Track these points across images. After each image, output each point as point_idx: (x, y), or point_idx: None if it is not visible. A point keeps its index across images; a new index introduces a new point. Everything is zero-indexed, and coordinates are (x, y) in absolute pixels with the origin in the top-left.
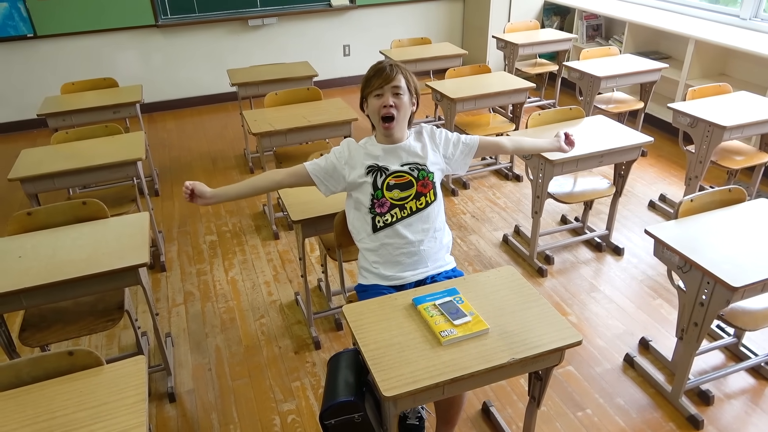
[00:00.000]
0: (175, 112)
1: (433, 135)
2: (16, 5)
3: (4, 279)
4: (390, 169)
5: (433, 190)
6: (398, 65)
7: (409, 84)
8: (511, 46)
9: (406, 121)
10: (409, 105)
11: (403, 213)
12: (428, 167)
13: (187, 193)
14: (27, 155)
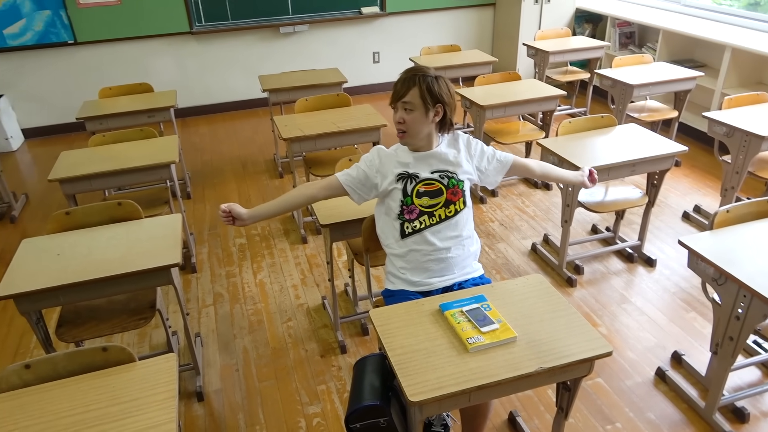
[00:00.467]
0: (208, 117)
1: (469, 144)
2: (58, 13)
3: (43, 276)
4: (420, 176)
5: (463, 199)
6: (418, 76)
7: (424, 96)
8: (542, 54)
9: (421, 133)
10: (422, 118)
11: (432, 220)
12: (458, 175)
13: (225, 217)
14: (66, 157)
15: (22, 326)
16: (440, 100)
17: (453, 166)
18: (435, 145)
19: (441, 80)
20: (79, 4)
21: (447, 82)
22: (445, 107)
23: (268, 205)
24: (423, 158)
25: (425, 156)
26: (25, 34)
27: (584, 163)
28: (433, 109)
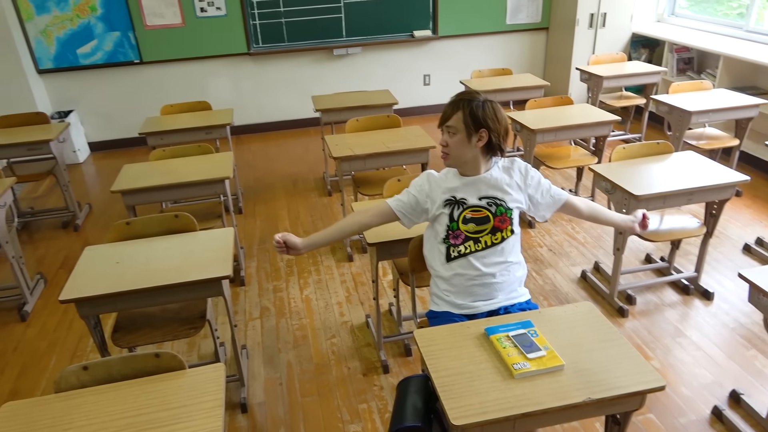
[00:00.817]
0: (261, 135)
1: (525, 174)
2: (126, 34)
3: (103, 282)
4: (468, 202)
5: (510, 227)
6: (464, 100)
7: (467, 121)
8: (596, 78)
9: (464, 157)
10: (465, 142)
11: (477, 246)
12: (507, 203)
13: (279, 247)
14: (128, 170)
15: (81, 330)
16: (484, 125)
17: (502, 193)
18: (484, 169)
19: (488, 105)
20: (146, 26)
21: (494, 107)
22: (490, 132)
23: (322, 233)
24: (471, 183)
25: (473, 181)
26: (96, 54)
27: (639, 188)
28: (476, 134)
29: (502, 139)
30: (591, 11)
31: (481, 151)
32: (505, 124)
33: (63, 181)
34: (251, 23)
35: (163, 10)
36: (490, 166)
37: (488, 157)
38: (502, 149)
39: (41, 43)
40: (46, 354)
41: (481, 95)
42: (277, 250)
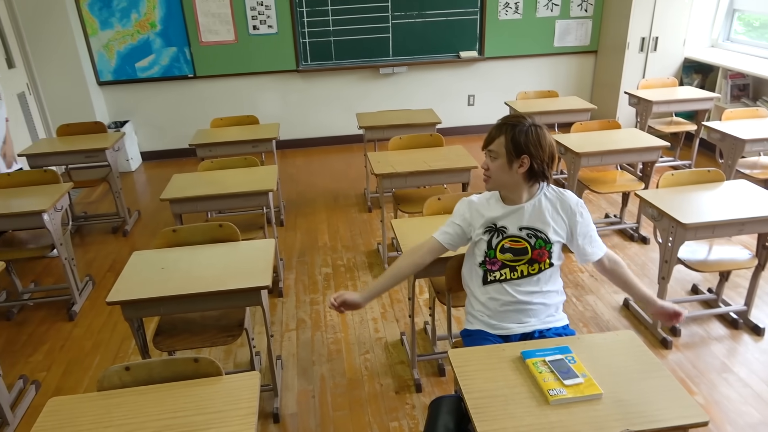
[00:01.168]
0: (305, 149)
1: (574, 211)
2: (182, 49)
3: (148, 287)
4: (507, 231)
5: (549, 260)
6: (507, 125)
7: (509, 147)
8: (645, 103)
9: (505, 182)
10: (506, 168)
11: (513, 275)
12: (549, 237)
13: (338, 309)
14: (177, 180)
15: (124, 332)
16: (526, 152)
17: (545, 225)
18: (526, 197)
19: (532, 130)
20: (201, 42)
21: (539, 133)
22: (532, 159)
23: (379, 282)
24: (513, 211)
25: (516, 209)
26: (153, 68)
27: (687, 216)
28: (517, 161)
29: (546, 166)
30: (642, 35)
31: (523, 177)
32: (550, 150)
33: (115, 188)
34: (301, 41)
35: (218, 27)
36: (534, 193)
37: (531, 184)
38: (547, 176)
39: (103, 57)
40: (91, 353)
41: (528, 120)
42: (336, 310)
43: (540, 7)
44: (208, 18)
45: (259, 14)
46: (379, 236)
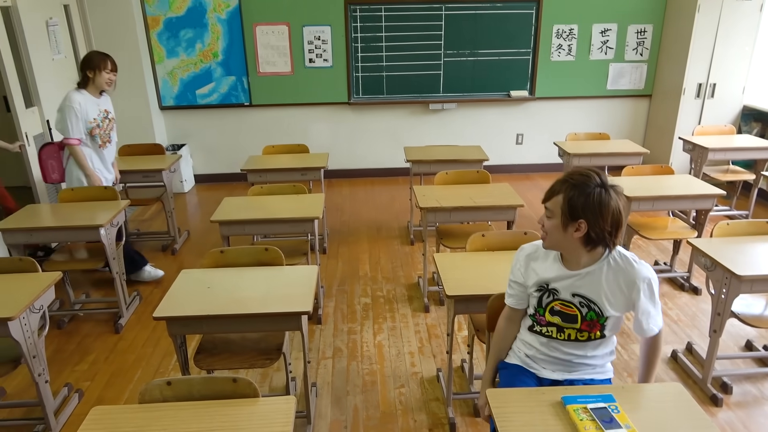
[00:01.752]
0: (352, 180)
1: (639, 288)
2: (241, 79)
3: (193, 304)
4: (559, 294)
5: (601, 332)
6: (568, 183)
7: (564, 208)
8: (700, 150)
9: (560, 244)
10: (560, 229)
11: (560, 336)
12: (603, 311)
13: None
14: (228, 203)
15: (166, 348)
16: (582, 217)
17: (600, 297)
18: (586, 263)
19: (595, 193)
20: (259, 72)
21: (602, 197)
22: (590, 226)
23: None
24: (569, 276)
25: (571, 274)
26: (212, 95)
27: (742, 267)
28: (573, 224)
29: (607, 234)
30: (699, 81)
31: (580, 241)
32: (614, 218)
33: (168, 208)
34: (354, 75)
35: (276, 59)
36: (596, 259)
37: (591, 249)
38: (609, 245)
39: (167, 83)
40: (133, 367)
41: (596, 179)
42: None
43: (594, 50)
44: (267, 50)
45: (316, 48)
46: (420, 269)
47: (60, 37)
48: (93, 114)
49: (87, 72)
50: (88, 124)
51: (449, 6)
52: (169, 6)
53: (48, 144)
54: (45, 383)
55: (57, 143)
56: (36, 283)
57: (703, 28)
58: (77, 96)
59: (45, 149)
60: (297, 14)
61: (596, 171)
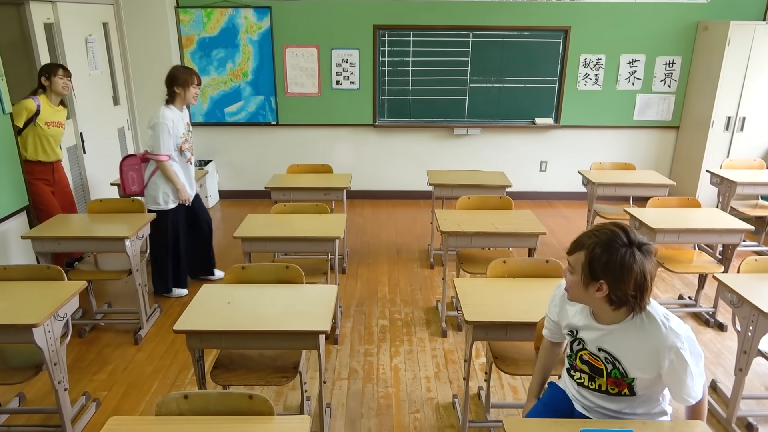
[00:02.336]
0: (374, 201)
1: (663, 355)
2: (269, 98)
3: (213, 319)
4: (586, 345)
5: (631, 392)
6: (592, 241)
7: (585, 267)
8: (728, 183)
9: (582, 300)
10: (581, 286)
11: (592, 385)
12: (628, 372)
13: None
14: (251, 219)
15: (184, 361)
16: (603, 278)
17: (625, 358)
18: (611, 320)
19: (620, 254)
20: (287, 93)
21: (630, 260)
22: (610, 288)
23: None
24: (596, 329)
25: (599, 327)
26: (240, 113)
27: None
28: (593, 284)
29: (631, 298)
30: (728, 114)
31: (603, 300)
32: (638, 282)
33: None
34: (380, 98)
35: (304, 80)
36: (623, 318)
37: (615, 308)
38: (635, 308)
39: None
40: (150, 378)
41: (623, 237)
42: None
43: (621, 80)
44: (296, 71)
45: (344, 71)
46: (439, 293)
47: (98, 54)
48: (182, 130)
49: (175, 88)
50: (177, 139)
51: (477, 33)
52: (204, 26)
53: (129, 156)
54: (64, 391)
55: (138, 155)
56: (61, 291)
57: (734, 61)
58: (169, 113)
59: (126, 161)
60: (327, 37)
61: (625, 227)
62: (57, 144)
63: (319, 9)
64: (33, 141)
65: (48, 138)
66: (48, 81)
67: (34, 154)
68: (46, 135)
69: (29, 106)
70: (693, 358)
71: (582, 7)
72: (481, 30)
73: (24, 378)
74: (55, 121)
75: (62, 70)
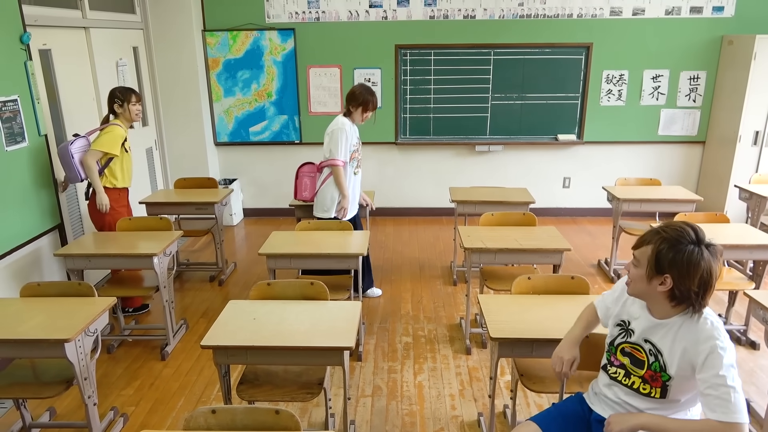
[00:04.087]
0: (396, 218)
1: (700, 348)
2: (293, 118)
3: (239, 335)
4: (634, 335)
5: (663, 392)
6: (660, 235)
7: (651, 260)
8: (757, 198)
9: (643, 294)
10: (644, 280)
11: (626, 381)
12: (667, 367)
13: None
14: (275, 237)
15: (209, 377)
16: (669, 272)
17: (667, 351)
18: (667, 314)
19: (688, 251)
20: (310, 112)
21: (696, 257)
22: (675, 283)
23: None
24: (649, 322)
25: (651, 321)
26: (264, 132)
27: None
28: (657, 278)
29: (693, 294)
30: (756, 129)
31: (665, 296)
32: (703, 279)
33: (218, 240)
34: (402, 116)
35: (326, 100)
36: (679, 313)
37: (675, 305)
38: (694, 305)
39: (222, 120)
40: (177, 394)
41: (692, 234)
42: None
43: (645, 96)
44: (319, 91)
45: None
46: (463, 310)
47: (127, 76)
48: (354, 140)
49: (351, 107)
50: (351, 146)
51: (498, 51)
52: (229, 48)
53: (307, 163)
54: (93, 406)
55: (316, 164)
56: (92, 307)
57: (760, 75)
58: (347, 121)
59: (303, 167)
60: (349, 57)
61: (694, 226)
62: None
63: (342, 30)
64: (121, 168)
65: (129, 163)
66: (121, 108)
67: (123, 181)
68: (128, 160)
69: (121, 133)
70: (728, 368)
71: (604, 24)
72: (502, 47)
73: (55, 393)
74: (129, 146)
75: (134, 96)
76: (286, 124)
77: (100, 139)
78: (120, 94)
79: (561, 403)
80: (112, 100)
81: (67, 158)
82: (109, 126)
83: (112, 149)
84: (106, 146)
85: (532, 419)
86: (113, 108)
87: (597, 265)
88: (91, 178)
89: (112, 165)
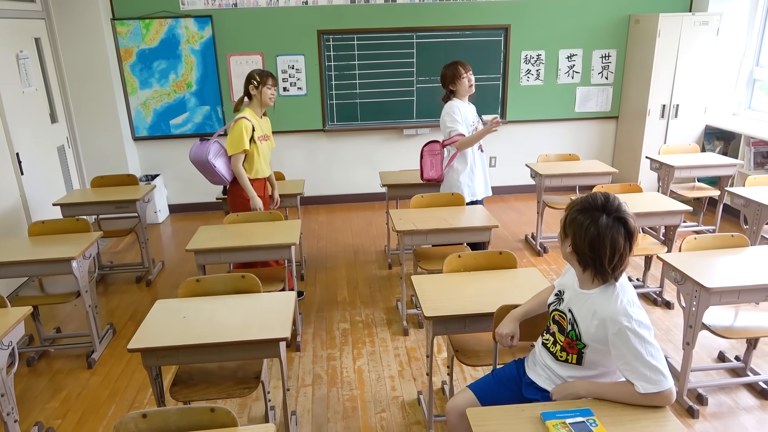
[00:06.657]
0: (328, 206)
1: (607, 328)
2: (215, 108)
3: (169, 335)
4: (562, 304)
5: (579, 359)
6: (576, 204)
7: (561, 222)
8: (666, 168)
9: (567, 260)
10: (560, 244)
11: (553, 348)
12: (581, 336)
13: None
14: (203, 232)
15: (141, 381)
16: (568, 235)
17: (581, 321)
18: (585, 287)
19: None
20: (233, 101)
21: (590, 222)
22: (572, 244)
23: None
24: (574, 292)
25: (575, 291)
26: (186, 125)
27: (711, 280)
28: (566, 240)
29: (589, 259)
30: (663, 102)
31: (574, 259)
32: (593, 245)
33: (142, 239)
34: (328, 103)
35: None
36: (599, 286)
37: (584, 271)
38: (600, 274)
39: (140, 114)
40: (107, 402)
41: (600, 201)
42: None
43: (561, 75)
44: (241, 80)
45: (290, 77)
46: (399, 293)
47: (31, 70)
48: (471, 119)
49: (450, 87)
50: (469, 126)
51: (420, 34)
52: (143, 38)
53: (432, 141)
54: (14, 423)
55: (439, 142)
56: (4, 318)
57: (665, 52)
58: (458, 102)
59: (427, 146)
60: (271, 44)
61: (610, 196)
62: (268, 158)
63: (262, 16)
64: (250, 160)
65: (261, 153)
66: (257, 89)
67: (255, 173)
68: (261, 150)
69: (247, 126)
70: (641, 344)
71: (520, 5)
72: (424, 31)
73: None
74: (263, 135)
75: (272, 79)
76: (208, 115)
77: (229, 140)
78: (258, 76)
79: (500, 369)
80: (249, 81)
81: (208, 167)
82: (232, 124)
83: (243, 145)
84: (239, 145)
85: (469, 386)
86: (248, 90)
87: (524, 240)
88: (243, 184)
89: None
